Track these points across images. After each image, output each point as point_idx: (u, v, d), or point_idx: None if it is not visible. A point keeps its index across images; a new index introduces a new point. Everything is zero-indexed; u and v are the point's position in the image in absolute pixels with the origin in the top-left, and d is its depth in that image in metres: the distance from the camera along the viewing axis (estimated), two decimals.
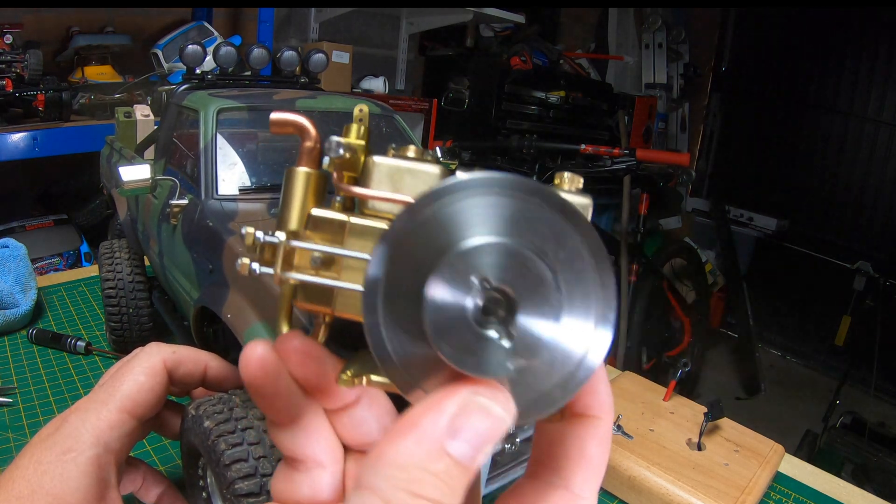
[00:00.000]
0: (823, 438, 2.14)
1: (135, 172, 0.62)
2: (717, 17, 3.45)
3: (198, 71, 0.77)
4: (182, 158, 0.68)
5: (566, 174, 0.23)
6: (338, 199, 0.24)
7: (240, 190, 0.62)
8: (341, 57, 1.92)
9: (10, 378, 0.76)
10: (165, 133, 0.75)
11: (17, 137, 1.34)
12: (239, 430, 0.46)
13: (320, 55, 0.85)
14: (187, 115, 0.70)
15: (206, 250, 0.58)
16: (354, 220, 0.23)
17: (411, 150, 0.23)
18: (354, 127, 0.24)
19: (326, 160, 0.23)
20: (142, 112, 0.93)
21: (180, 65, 0.85)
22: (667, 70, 3.23)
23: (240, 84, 0.81)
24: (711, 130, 3.61)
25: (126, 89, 1.58)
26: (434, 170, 0.22)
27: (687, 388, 2.55)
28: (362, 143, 0.23)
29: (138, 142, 0.91)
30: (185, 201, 0.63)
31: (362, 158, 0.23)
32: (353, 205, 0.24)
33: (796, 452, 2.01)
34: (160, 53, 1.66)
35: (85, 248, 1.53)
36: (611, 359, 1.99)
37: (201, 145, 0.64)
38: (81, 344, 0.82)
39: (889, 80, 2.93)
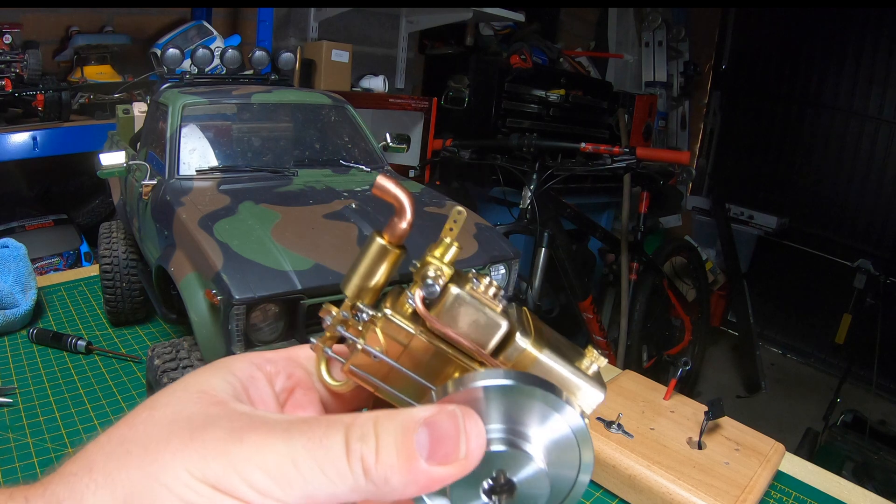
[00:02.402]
0: (824, 437, 2.14)
1: (111, 158, 0.72)
2: (718, 16, 3.44)
3: (178, 71, 0.89)
4: (157, 145, 0.80)
5: (595, 351, 0.27)
6: (425, 295, 0.26)
7: (196, 171, 0.75)
8: (341, 56, 1.91)
9: (11, 378, 0.76)
10: (148, 125, 0.87)
11: (17, 137, 1.34)
12: (181, 368, 0.58)
13: (288, 55, 0.94)
14: (161, 109, 0.81)
15: (163, 220, 0.68)
16: (415, 342, 0.26)
17: (485, 286, 0.26)
18: (444, 245, 0.26)
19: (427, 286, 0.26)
20: (139, 109, 1.00)
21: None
22: (667, 68, 3.23)
23: (217, 82, 0.91)
24: (711, 128, 3.61)
25: (125, 89, 1.58)
26: (500, 321, 0.26)
27: (687, 387, 2.55)
28: (450, 273, 0.26)
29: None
30: (154, 181, 0.74)
31: (448, 276, 0.26)
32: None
33: (797, 451, 2.01)
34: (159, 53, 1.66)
35: (85, 247, 1.53)
36: (611, 357, 1.99)
37: (168, 134, 0.76)
38: (82, 343, 0.82)
39: (889, 77, 2.92)
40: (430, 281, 0.25)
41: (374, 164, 0.88)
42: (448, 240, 0.27)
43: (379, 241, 0.27)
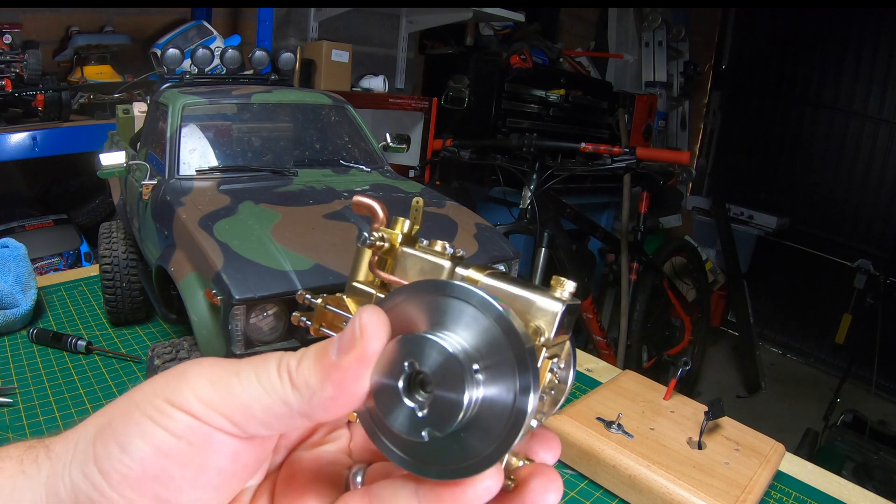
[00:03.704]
0: (824, 437, 2.14)
1: (111, 158, 0.72)
2: (718, 16, 3.44)
3: (178, 71, 0.89)
4: (157, 146, 0.80)
5: (564, 281, 0.25)
6: (361, 245, 0.31)
7: (196, 171, 0.75)
8: (341, 56, 1.91)
9: (11, 378, 0.76)
10: (148, 125, 0.86)
11: (17, 137, 1.34)
12: None
13: (288, 55, 0.94)
14: (161, 109, 0.81)
15: (163, 220, 0.68)
16: (379, 294, 0.30)
17: (438, 245, 0.29)
18: (401, 221, 0.30)
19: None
20: (139, 109, 0.99)
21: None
22: (667, 68, 3.23)
23: (217, 82, 0.91)
24: (711, 128, 3.61)
25: (125, 89, 1.58)
26: (442, 262, 0.28)
27: (687, 387, 2.55)
28: (397, 233, 0.30)
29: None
30: (154, 181, 0.74)
31: (397, 246, 0.30)
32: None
33: (797, 451, 2.01)
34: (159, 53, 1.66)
35: (85, 247, 1.53)
36: (611, 357, 1.99)
37: (168, 134, 0.76)
38: (82, 343, 0.82)
39: (889, 77, 2.93)
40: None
41: (374, 164, 0.88)
42: (402, 219, 0.30)
43: (359, 246, 0.31)
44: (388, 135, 0.95)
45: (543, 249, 1.64)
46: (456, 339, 0.23)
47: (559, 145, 1.75)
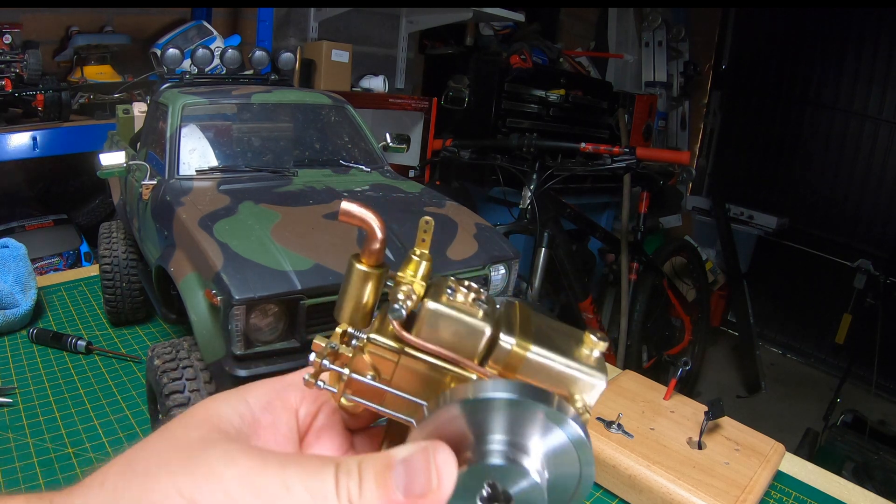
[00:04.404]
0: (824, 437, 2.14)
1: (111, 158, 0.72)
2: (718, 16, 3.44)
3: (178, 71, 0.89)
4: (157, 146, 0.80)
5: (592, 337, 0.26)
6: (393, 319, 0.26)
7: (196, 171, 0.75)
8: (341, 56, 1.91)
9: (11, 378, 0.76)
10: (148, 125, 0.86)
11: (17, 137, 1.34)
12: (180, 368, 0.58)
13: (288, 55, 0.94)
14: (161, 109, 0.81)
15: (163, 220, 0.68)
16: (404, 360, 0.27)
17: (462, 291, 0.26)
18: (414, 262, 0.27)
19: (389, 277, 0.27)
20: (139, 109, 0.99)
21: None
22: (667, 68, 3.23)
23: (217, 82, 0.91)
24: (711, 128, 3.60)
25: (125, 89, 1.58)
26: (481, 327, 0.25)
27: (687, 387, 2.55)
28: (422, 289, 0.26)
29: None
30: (154, 182, 0.74)
31: (420, 293, 0.26)
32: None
33: (797, 451, 2.01)
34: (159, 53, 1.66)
35: (85, 247, 1.53)
36: (611, 357, 1.99)
37: (168, 134, 0.77)
38: (82, 343, 0.82)
39: (889, 77, 2.92)
40: (397, 305, 0.25)
41: (374, 164, 0.88)
42: (417, 253, 0.27)
43: (358, 266, 0.28)
44: (388, 135, 0.95)
45: (543, 249, 1.64)
46: (535, 464, 0.24)
47: (559, 145, 1.74)
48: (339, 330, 0.28)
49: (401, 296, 0.26)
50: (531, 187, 1.62)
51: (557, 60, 2.64)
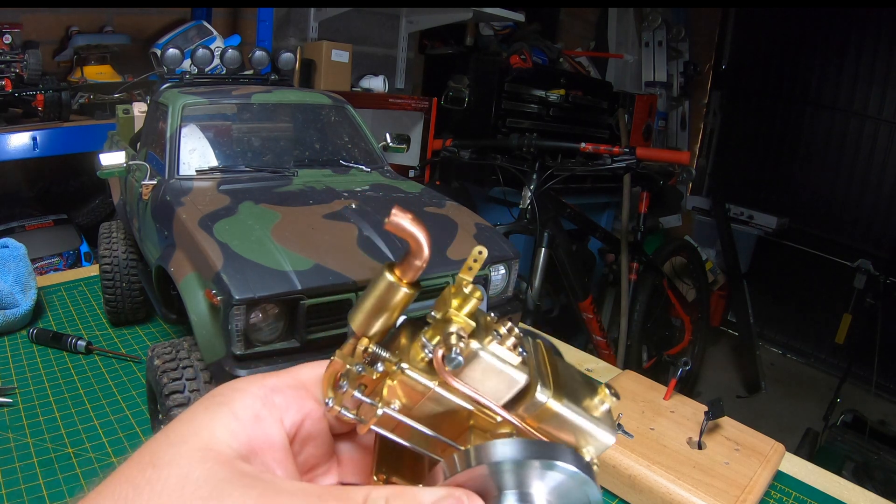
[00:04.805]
0: (824, 437, 2.14)
1: (111, 158, 0.73)
2: (718, 16, 3.44)
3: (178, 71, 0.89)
4: (157, 146, 0.80)
5: (607, 391, 0.27)
6: (449, 367, 0.25)
7: (196, 171, 0.75)
8: (341, 56, 1.91)
9: (11, 378, 0.76)
10: (148, 125, 0.86)
11: (17, 137, 1.34)
12: (180, 368, 0.59)
13: (288, 55, 0.94)
14: (161, 109, 0.82)
15: (163, 220, 0.68)
16: (432, 393, 0.26)
17: (503, 334, 0.25)
18: (460, 298, 0.25)
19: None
20: (139, 109, 0.99)
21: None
22: (667, 68, 3.23)
23: (217, 82, 0.91)
24: (711, 128, 3.61)
25: (125, 89, 1.58)
26: (520, 378, 0.25)
27: (687, 387, 2.55)
28: (471, 329, 0.25)
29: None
30: (154, 182, 0.74)
31: (468, 334, 0.25)
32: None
33: (797, 451, 2.01)
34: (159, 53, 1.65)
35: (85, 247, 1.53)
36: (611, 357, 1.99)
37: (168, 134, 0.77)
38: (82, 343, 0.82)
39: (889, 77, 2.92)
40: (455, 352, 0.24)
41: (374, 164, 0.88)
42: (468, 288, 0.25)
43: (389, 277, 0.26)
44: (388, 135, 0.95)
45: (543, 249, 1.64)
46: None
47: (559, 145, 1.75)
48: (359, 347, 0.27)
49: (454, 339, 0.24)
50: (531, 187, 1.62)
51: (557, 60, 2.64)
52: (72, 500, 0.23)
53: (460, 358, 0.24)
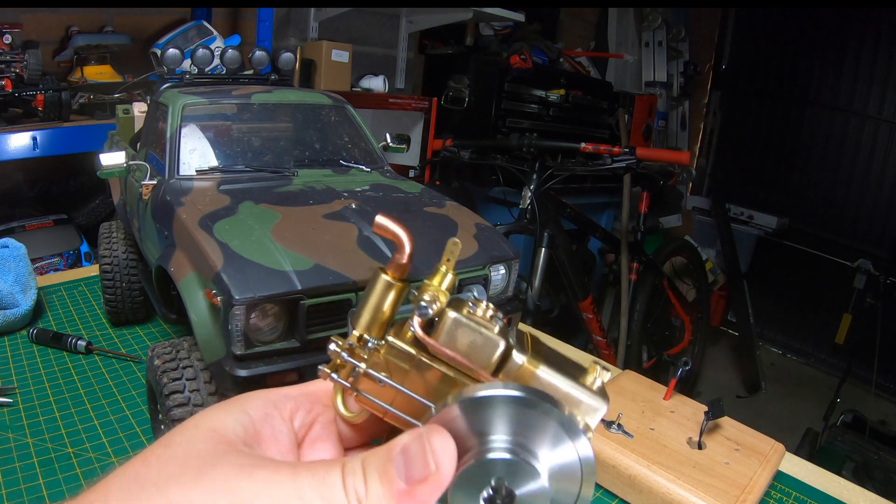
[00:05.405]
0: (824, 437, 2.13)
1: (111, 158, 0.72)
2: (718, 16, 3.44)
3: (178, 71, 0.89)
4: (157, 146, 0.80)
5: (598, 367, 0.28)
6: (419, 317, 0.27)
7: (196, 171, 0.75)
8: (341, 56, 1.91)
9: (11, 378, 0.76)
10: (148, 125, 0.86)
11: (17, 137, 1.34)
12: (180, 368, 0.59)
13: (288, 55, 0.93)
14: (161, 109, 0.82)
15: (163, 220, 0.68)
16: (417, 368, 0.28)
17: (481, 307, 0.27)
18: (441, 272, 0.28)
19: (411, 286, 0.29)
20: (139, 109, 0.99)
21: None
22: (667, 68, 3.23)
23: (217, 82, 0.91)
24: (711, 128, 3.61)
25: (125, 89, 1.58)
26: (497, 340, 0.27)
27: (687, 387, 2.55)
28: (446, 298, 0.27)
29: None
30: (154, 182, 0.74)
31: (444, 302, 0.27)
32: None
33: (797, 451, 2.01)
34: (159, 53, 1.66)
35: (85, 247, 1.53)
36: (611, 357, 1.99)
37: (168, 134, 0.77)
38: (82, 343, 0.82)
39: (889, 77, 2.92)
40: (423, 303, 0.26)
41: (374, 164, 0.88)
42: (444, 268, 0.28)
43: (383, 276, 0.29)
44: (388, 135, 0.95)
45: (543, 249, 1.64)
46: (544, 469, 0.24)
47: (559, 145, 1.75)
48: (355, 333, 0.29)
49: (427, 297, 0.27)
50: (531, 187, 1.62)
51: (557, 60, 2.64)
52: (88, 482, 0.25)
53: (429, 310, 0.26)
